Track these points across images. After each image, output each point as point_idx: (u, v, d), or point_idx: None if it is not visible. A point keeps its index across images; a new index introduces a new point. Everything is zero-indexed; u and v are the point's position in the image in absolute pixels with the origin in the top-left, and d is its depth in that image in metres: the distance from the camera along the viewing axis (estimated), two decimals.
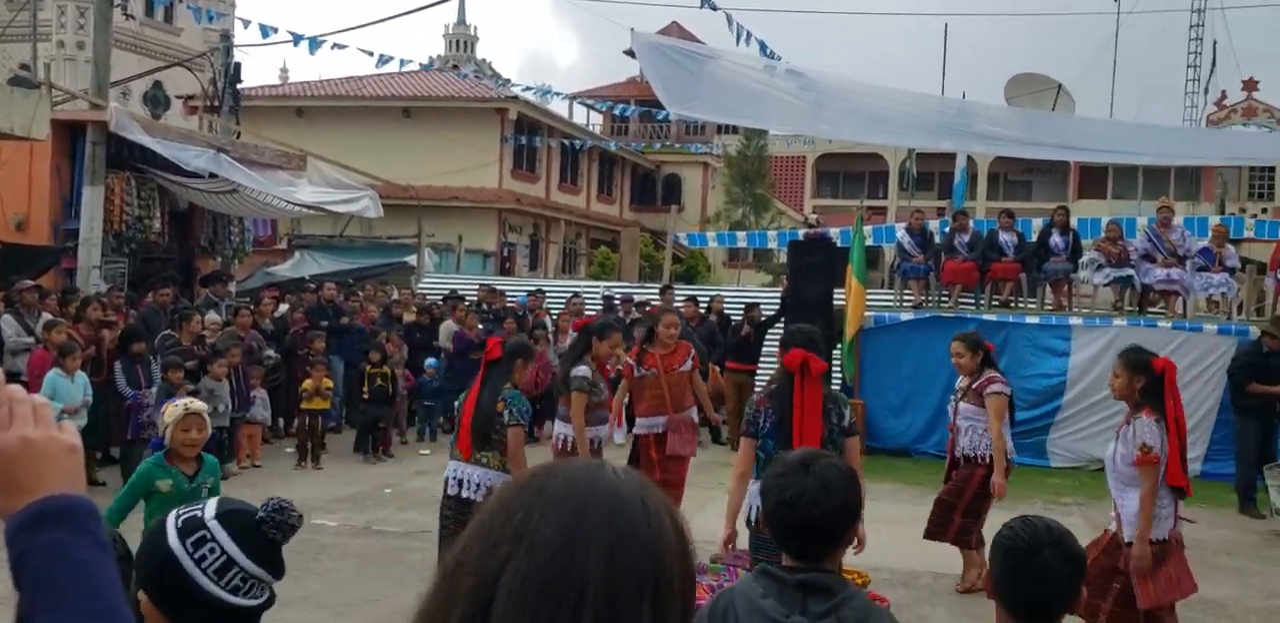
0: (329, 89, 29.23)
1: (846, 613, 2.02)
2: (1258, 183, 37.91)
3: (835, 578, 2.11)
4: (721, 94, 12.40)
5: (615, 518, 0.97)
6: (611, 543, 0.96)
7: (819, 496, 2.14)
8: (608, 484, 1.00)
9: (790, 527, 2.16)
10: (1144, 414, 4.84)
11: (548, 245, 29.86)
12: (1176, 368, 5.16)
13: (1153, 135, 13.84)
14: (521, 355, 5.84)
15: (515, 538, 0.96)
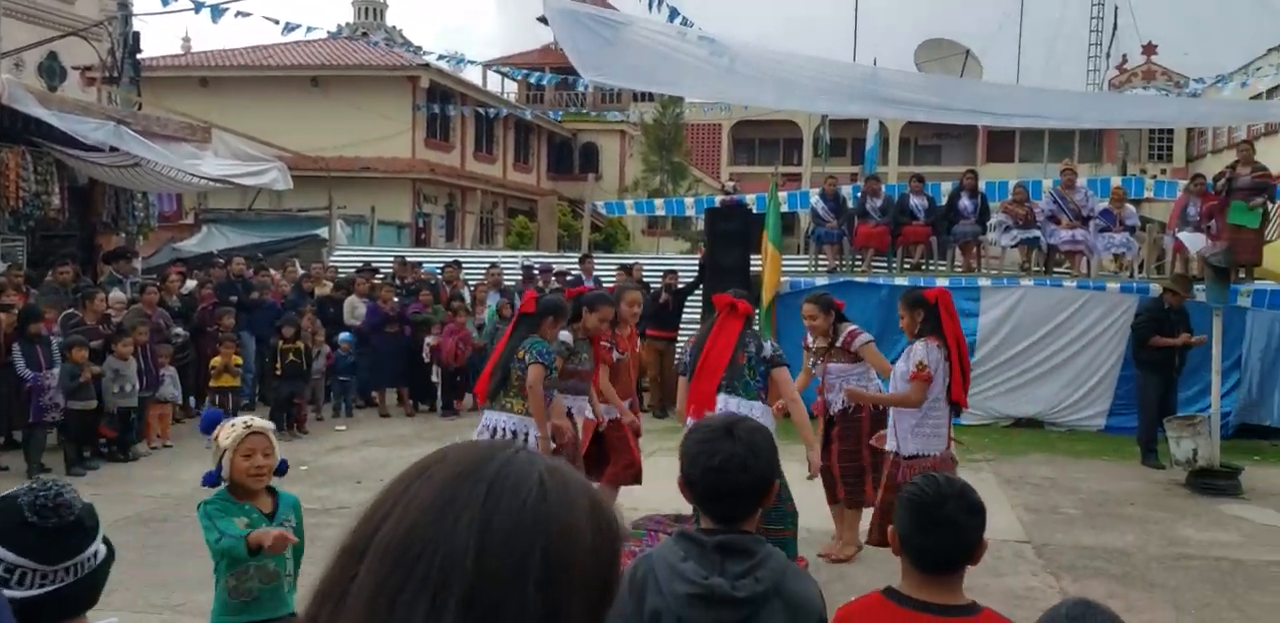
0: (234, 58, 28.40)
1: (764, 573, 2.04)
2: (1158, 144, 39.00)
3: (753, 539, 2.12)
4: (636, 61, 12.31)
5: (499, 491, 0.93)
6: (488, 515, 0.91)
7: (748, 459, 2.14)
8: (502, 459, 0.96)
9: (719, 492, 2.16)
10: (926, 339, 5.59)
11: (464, 215, 29.53)
12: (950, 294, 5.81)
13: (1057, 99, 14.10)
14: (554, 313, 5.92)
15: (393, 503, 0.94)
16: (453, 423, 11.83)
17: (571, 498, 0.96)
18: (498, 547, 0.90)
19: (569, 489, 0.96)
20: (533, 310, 5.88)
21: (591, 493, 0.99)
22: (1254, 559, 6.79)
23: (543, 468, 0.97)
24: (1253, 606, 5.83)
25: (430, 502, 0.92)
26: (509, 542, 0.90)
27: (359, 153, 25.78)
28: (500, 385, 5.83)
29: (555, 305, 5.98)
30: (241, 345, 11.66)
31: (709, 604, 2.03)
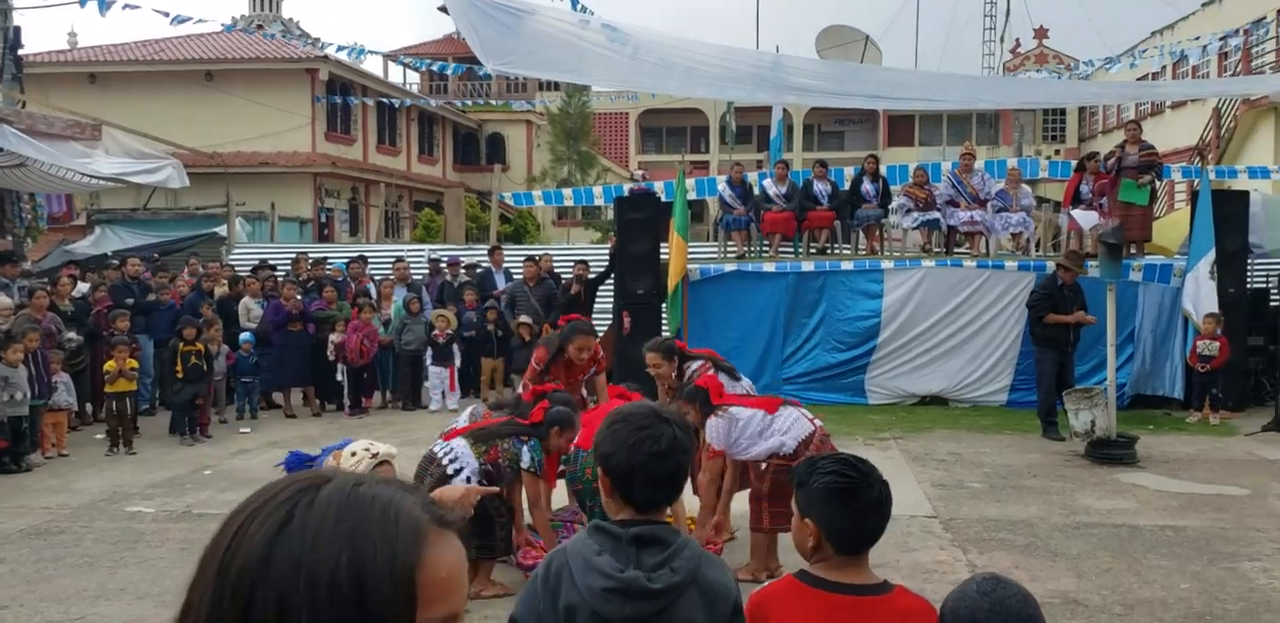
0: (124, 53, 27.48)
1: (680, 563, 2.02)
2: (1051, 126, 40.08)
3: (667, 529, 2.10)
4: (540, 49, 12.21)
5: (241, 533, 0.94)
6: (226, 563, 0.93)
7: (686, 441, 2.14)
8: (264, 497, 0.98)
9: (660, 477, 2.11)
10: (710, 419, 5.82)
11: (368, 210, 29.06)
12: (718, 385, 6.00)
13: (953, 83, 14.39)
14: (559, 424, 5.72)
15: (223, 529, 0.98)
16: (360, 422, 11.65)
17: (321, 531, 0.92)
18: (229, 596, 0.92)
19: (323, 521, 0.92)
20: (539, 422, 5.71)
21: (368, 523, 0.93)
22: (1150, 524, 7.03)
23: (302, 503, 0.94)
24: (1150, 569, 6.04)
25: (208, 551, 0.96)
26: (239, 587, 0.91)
27: (257, 148, 25.19)
28: (484, 440, 5.66)
29: (562, 418, 5.74)
30: (139, 348, 11.31)
31: (626, 598, 2.00)
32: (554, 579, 2.06)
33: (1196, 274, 11.27)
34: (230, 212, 17.72)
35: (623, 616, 2.00)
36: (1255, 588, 5.71)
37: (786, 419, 5.81)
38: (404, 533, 0.94)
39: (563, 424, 5.77)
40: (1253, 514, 7.29)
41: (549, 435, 5.74)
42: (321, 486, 0.96)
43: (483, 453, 5.60)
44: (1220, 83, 20.64)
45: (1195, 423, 10.97)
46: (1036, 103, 19.94)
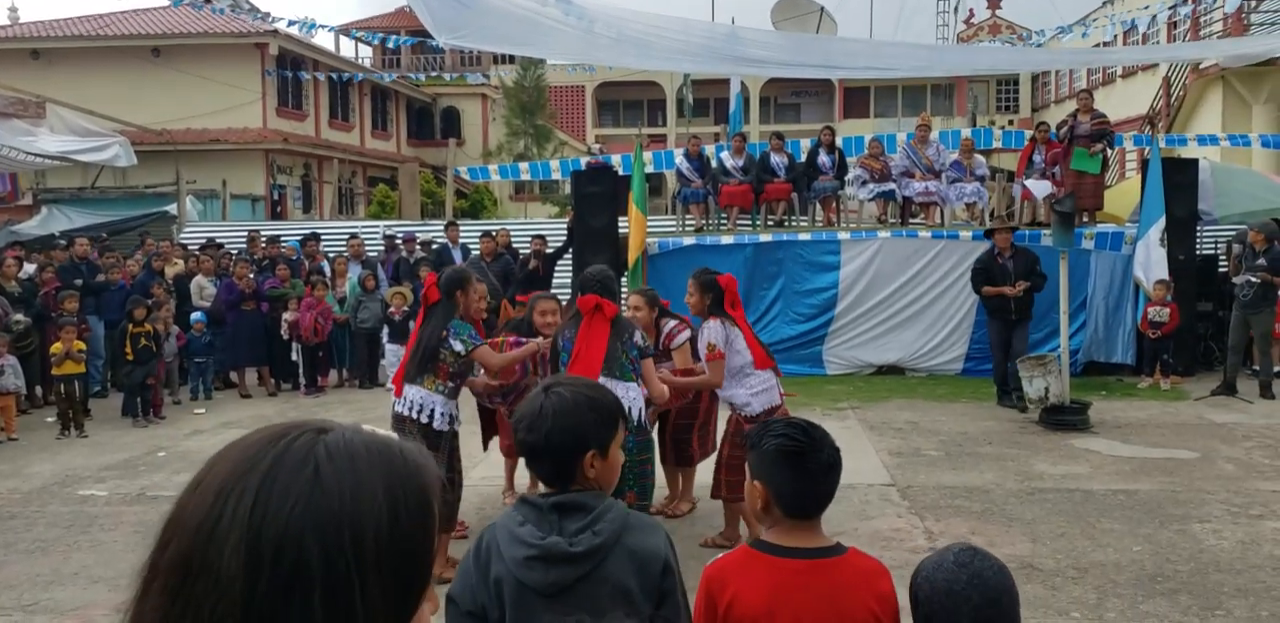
0: (67, 28, 26.82)
1: (602, 526, 2.01)
2: (1004, 97, 40.32)
3: (592, 494, 2.09)
4: (493, 23, 12.07)
5: (266, 497, 0.85)
6: (255, 528, 0.84)
7: (535, 421, 2.12)
8: (274, 455, 0.89)
9: (535, 451, 2.14)
10: (712, 319, 5.68)
11: (321, 186, 28.69)
12: (736, 283, 5.94)
13: (907, 51, 14.40)
14: (458, 287, 5.59)
15: (174, 520, 0.88)
16: (317, 400, 11.56)
17: (357, 481, 0.88)
18: (269, 563, 0.83)
19: (355, 471, 0.88)
20: (437, 299, 5.59)
21: (392, 466, 0.91)
22: (1103, 489, 7.14)
23: (321, 453, 0.88)
24: (1103, 533, 6.14)
25: (200, 519, 0.85)
26: (281, 552, 0.84)
27: (207, 125, 24.76)
28: (421, 367, 5.52)
29: (453, 280, 5.63)
30: (88, 330, 11.13)
31: (548, 564, 2.00)
32: (484, 554, 2.08)
33: (1147, 242, 11.40)
34: (180, 190, 17.43)
35: (547, 582, 1.99)
36: (1204, 549, 5.82)
37: (764, 381, 5.77)
38: (427, 479, 0.94)
39: (457, 285, 5.59)
40: (1202, 477, 7.43)
41: (457, 305, 5.57)
42: (325, 433, 0.91)
43: (434, 381, 5.51)
44: (1170, 48, 20.84)
45: (1146, 388, 11.15)
46: (989, 69, 20.04)
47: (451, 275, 5.67)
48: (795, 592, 2.19)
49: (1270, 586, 5.24)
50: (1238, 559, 5.63)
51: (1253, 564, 5.55)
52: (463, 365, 5.60)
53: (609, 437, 2.14)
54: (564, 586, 2.00)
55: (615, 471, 2.18)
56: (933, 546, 5.79)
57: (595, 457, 2.12)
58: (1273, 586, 5.24)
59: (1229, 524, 6.28)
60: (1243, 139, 17.18)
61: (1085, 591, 5.21)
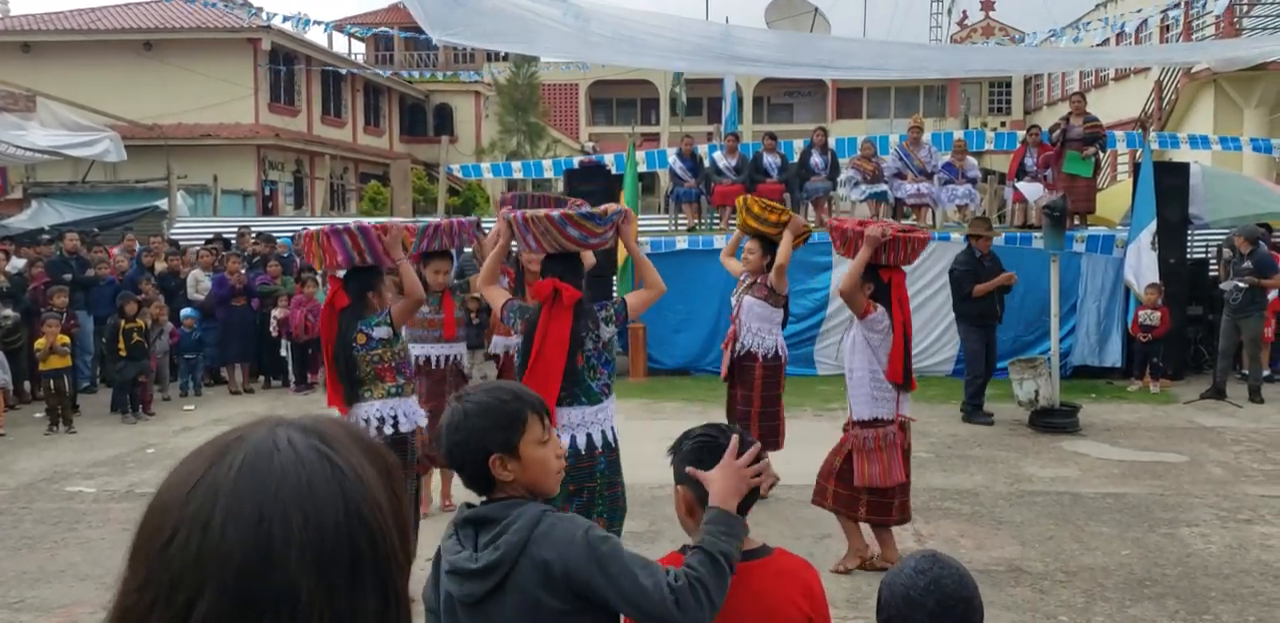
0: (59, 21, 26.70)
1: (506, 538, 2.00)
2: (997, 98, 40.39)
3: (502, 505, 2.07)
4: (485, 19, 12.05)
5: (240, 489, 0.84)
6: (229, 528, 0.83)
7: (440, 437, 2.14)
8: (243, 449, 0.88)
9: (448, 460, 2.17)
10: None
11: (313, 182, 28.61)
12: (905, 275, 5.58)
13: (900, 51, 14.43)
14: (370, 288, 5.25)
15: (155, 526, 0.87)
16: (307, 398, 11.53)
17: (361, 463, 0.89)
18: (333, 568, 0.83)
19: (351, 454, 0.90)
20: (346, 301, 5.23)
21: (367, 444, 0.92)
22: (1092, 492, 7.16)
23: (321, 444, 0.89)
24: (1092, 536, 6.16)
25: (246, 555, 0.82)
26: (339, 551, 0.84)
27: (198, 120, 24.67)
28: (351, 383, 5.23)
29: (367, 281, 5.26)
30: (78, 325, 11.08)
31: (460, 579, 2.03)
32: (438, 558, 2.14)
33: (1138, 245, 11.43)
34: (171, 185, 17.37)
35: (463, 594, 2.02)
36: (1192, 553, 5.84)
37: (887, 392, 5.43)
38: (391, 454, 0.96)
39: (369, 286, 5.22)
40: (1191, 481, 7.45)
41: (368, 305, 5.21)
42: (298, 425, 0.91)
43: (383, 386, 5.21)
44: (1162, 50, 20.89)
45: (1136, 391, 11.18)
46: (981, 70, 20.09)
47: (363, 276, 5.26)
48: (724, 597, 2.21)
49: (1257, 590, 5.26)
50: (1225, 564, 5.65)
51: (1240, 569, 5.57)
52: (401, 353, 5.31)
53: (509, 438, 2.09)
54: (478, 598, 2.01)
55: (540, 469, 2.13)
56: (922, 548, 5.79)
57: (502, 460, 2.08)
58: (1259, 590, 5.26)
59: (1217, 529, 6.30)
60: (1234, 142, 17.24)
61: (1073, 594, 5.22)
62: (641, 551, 2.12)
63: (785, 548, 2.39)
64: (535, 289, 4.42)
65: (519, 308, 4.44)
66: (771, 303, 6.69)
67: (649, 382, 11.95)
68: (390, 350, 5.23)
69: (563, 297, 4.26)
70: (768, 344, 6.74)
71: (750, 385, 6.76)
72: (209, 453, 0.89)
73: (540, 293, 4.33)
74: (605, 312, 4.45)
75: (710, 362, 12.32)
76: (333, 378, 5.26)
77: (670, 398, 10.84)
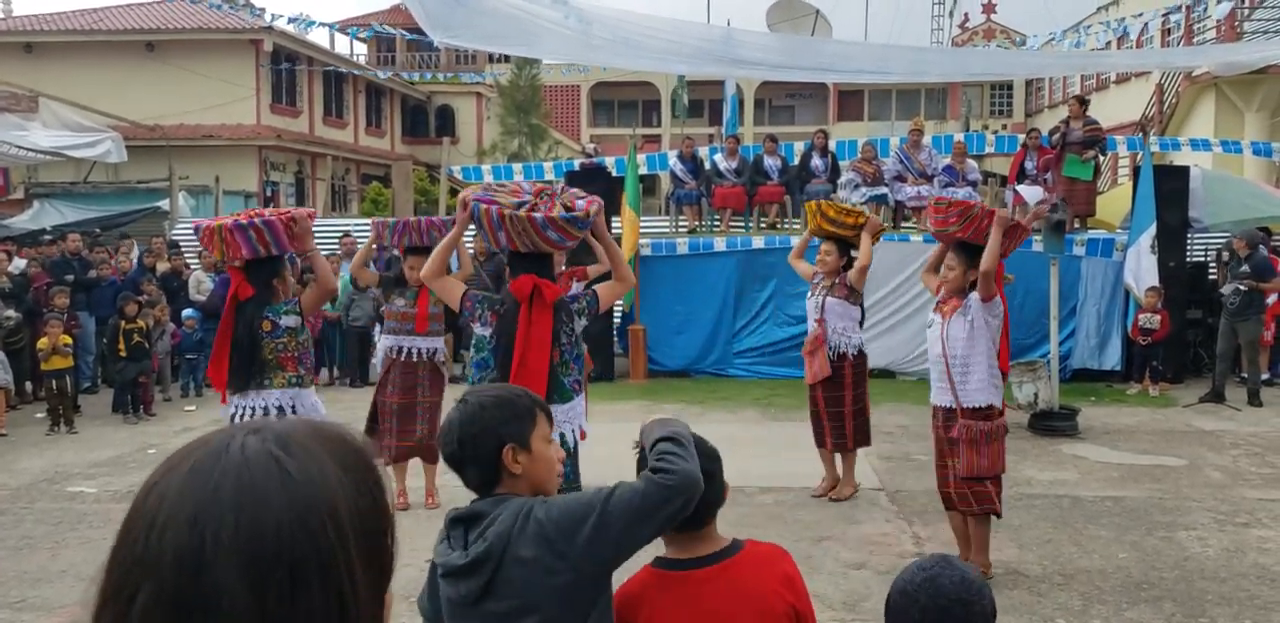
0: (61, 22, 26.73)
1: (493, 530, 2.01)
2: (998, 101, 40.40)
3: (490, 502, 2.08)
4: (486, 21, 12.08)
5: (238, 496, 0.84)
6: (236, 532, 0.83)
7: (447, 433, 2.13)
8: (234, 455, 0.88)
9: (452, 465, 2.16)
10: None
11: (314, 183, 28.64)
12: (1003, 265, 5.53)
13: (901, 55, 14.44)
14: (275, 276, 5.27)
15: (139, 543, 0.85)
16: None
17: (320, 468, 0.88)
18: (270, 574, 0.82)
19: (313, 458, 0.88)
20: (251, 291, 5.23)
21: (340, 446, 0.92)
22: (1091, 495, 7.17)
23: (277, 451, 0.88)
24: (1090, 540, 6.17)
25: (179, 554, 0.82)
26: (279, 559, 0.83)
27: (200, 120, 24.70)
28: (252, 370, 5.23)
29: (273, 269, 5.28)
30: (79, 326, 11.11)
31: (454, 580, 2.03)
32: (431, 571, 2.16)
33: (1138, 249, 11.45)
34: (173, 185, 17.40)
35: (459, 595, 2.03)
36: (1190, 557, 5.86)
37: (997, 379, 5.39)
38: (370, 453, 0.95)
39: (275, 273, 5.25)
40: (1189, 485, 7.47)
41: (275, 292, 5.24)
42: (264, 431, 0.90)
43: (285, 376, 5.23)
44: (1163, 53, 20.89)
45: (1135, 395, 11.19)
46: (982, 73, 20.11)
47: (267, 264, 5.25)
48: (707, 600, 2.22)
49: (1254, 594, 5.27)
50: (1223, 567, 5.67)
51: (1237, 572, 5.58)
52: (305, 343, 5.35)
53: (525, 429, 2.12)
54: (476, 596, 2.01)
55: (546, 466, 2.15)
56: (920, 551, 5.81)
57: (515, 451, 2.10)
58: (1256, 594, 5.27)
59: (1215, 532, 6.32)
60: (1235, 146, 17.25)
61: (1070, 597, 5.23)
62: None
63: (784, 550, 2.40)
64: (513, 287, 4.20)
65: (484, 299, 4.25)
66: (851, 302, 6.97)
67: (649, 383, 11.97)
68: (295, 340, 5.26)
69: (544, 294, 4.12)
70: (854, 342, 7.01)
71: (841, 385, 7.00)
72: (173, 458, 0.90)
73: (520, 291, 4.15)
74: (578, 304, 4.33)
75: (711, 363, 12.35)
76: (222, 368, 5.30)
77: (670, 400, 10.85)
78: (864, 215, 7.08)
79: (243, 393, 5.32)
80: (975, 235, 5.31)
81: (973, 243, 5.33)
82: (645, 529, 1.99)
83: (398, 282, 7.05)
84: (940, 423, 5.48)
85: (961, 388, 5.34)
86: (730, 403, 10.66)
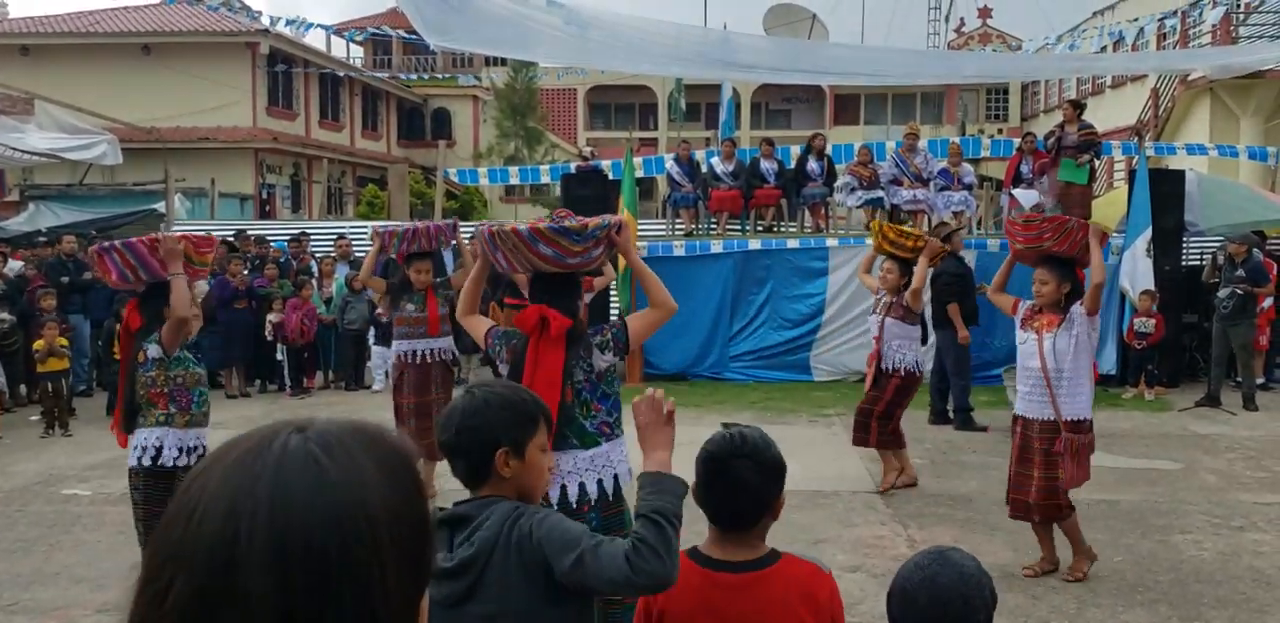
0: (58, 25, 26.74)
1: (480, 535, 2.02)
2: (994, 105, 40.47)
3: (478, 504, 2.09)
4: (483, 25, 12.08)
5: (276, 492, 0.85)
6: (272, 524, 0.84)
7: (448, 420, 2.15)
8: (276, 451, 0.89)
9: (446, 450, 2.17)
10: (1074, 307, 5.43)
11: (310, 186, 28.63)
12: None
13: (897, 58, 14.47)
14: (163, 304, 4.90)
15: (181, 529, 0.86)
16: (303, 402, 11.54)
17: (357, 468, 0.88)
18: (301, 573, 0.83)
19: (351, 458, 0.89)
20: (140, 321, 5.00)
21: (379, 446, 0.92)
22: (1086, 498, 7.13)
23: (315, 449, 0.88)
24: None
25: (212, 547, 0.83)
26: (309, 558, 0.83)
27: (196, 123, 24.70)
28: (131, 407, 4.98)
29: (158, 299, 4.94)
30: (73, 329, 11.08)
31: (435, 582, 2.03)
32: None
33: (1134, 252, 11.47)
34: (169, 188, 17.36)
35: (442, 596, 2.03)
36: (1185, 560, 5.86)
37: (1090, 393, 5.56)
38: (410, 452, 0.96)
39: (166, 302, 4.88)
40: (1185, 488, 7.47)
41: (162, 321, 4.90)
42: (308, 429, 0.91)
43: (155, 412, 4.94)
44: (1158, 57, 20.95)
45: (1131, 398, 11.21)
46: (977, 77, 20.16)
47: (159, 292, 4.93)
48: (721, 608, 2.21)
49: (1249, 597, 5.27)
50: (1218, 570, 5.67)
51: (1232, 575, 5.59)
52: (179, 378, 4.99)
53: (523, 435, 2.13)
54: (457, 598, 2.02)
55: (537, 474, 2.17)
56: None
57: (508, 455, 2.11)
58: (1252, 597, 5.27)
59: (1210, 535, 6.32)
60: (1230, 151, 17.30)
61: (1065, 600, 5.23)
62: None
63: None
64: (519, 318, 3.75)
65: (503, 334, 3.82)
66: (908, 321, 7.34)
67: (645, 387, 11.95)
68: (165, 374, 4.93)
69: (551, 327, 3.61)
70: (908, 360, 7.35)
71: (883, 390, 7.37)
72: (220, 449, 0.91)
73: (525, 323, 3.67)
74: (601, 336, 3.71)
75: (708, 367, 12.35)
76: (117, 406, 5.08)
77: None
78: (923, 239, 7.48)
79: (133, 432, 5.01)
80: (1070, 249, 5.36)
81: (1062, 257, 5.38)
82: (613, 590, 2.04)
83: (403, 288, 7.22)
84: (1035, 433, 5.49)
85: (1066, 400, 5.38)
86: (727, 406, 10.65)
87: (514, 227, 3.69)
